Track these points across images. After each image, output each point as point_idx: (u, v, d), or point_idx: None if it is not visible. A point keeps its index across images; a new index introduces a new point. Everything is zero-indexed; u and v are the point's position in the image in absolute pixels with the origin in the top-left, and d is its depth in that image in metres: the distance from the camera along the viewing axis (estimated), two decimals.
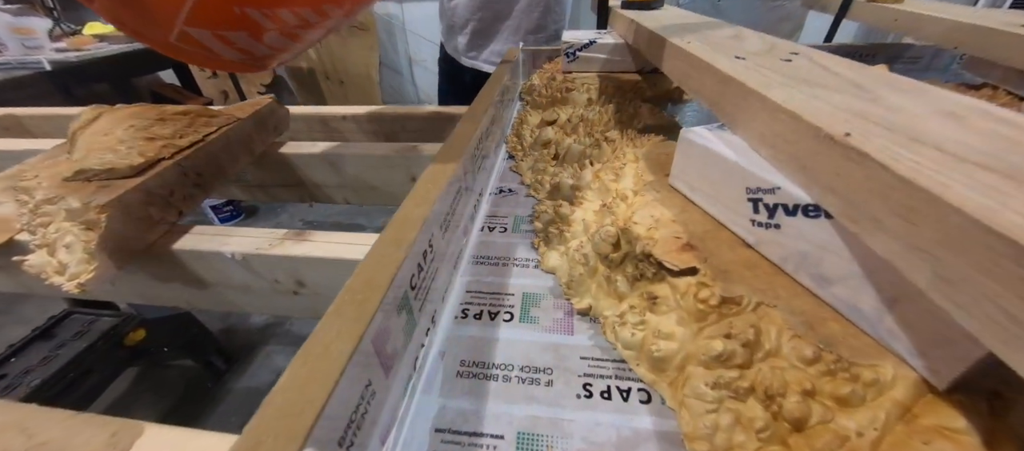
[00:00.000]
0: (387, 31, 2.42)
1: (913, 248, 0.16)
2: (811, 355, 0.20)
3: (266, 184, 0.68)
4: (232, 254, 0.42)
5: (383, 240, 0.23)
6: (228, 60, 0.38)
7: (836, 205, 0.20)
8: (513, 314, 0.31)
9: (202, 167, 0.51)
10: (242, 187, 0.68)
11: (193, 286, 0.45)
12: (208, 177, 0.52)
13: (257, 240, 0.43)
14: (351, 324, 0.18)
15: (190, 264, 0.44)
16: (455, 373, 0.26)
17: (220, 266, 0.43)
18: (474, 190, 0.40)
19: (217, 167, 0.54)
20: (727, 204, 0.28)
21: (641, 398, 0.25)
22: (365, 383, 0.18)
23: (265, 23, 0.34)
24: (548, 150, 0.51)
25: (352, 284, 0.20)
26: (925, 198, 0.16)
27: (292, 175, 0.66)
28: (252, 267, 0.43)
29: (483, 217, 0.43)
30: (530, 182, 0.49)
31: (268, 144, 0.65)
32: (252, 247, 0.42)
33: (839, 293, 0.22)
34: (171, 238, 0.44)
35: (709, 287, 0.24)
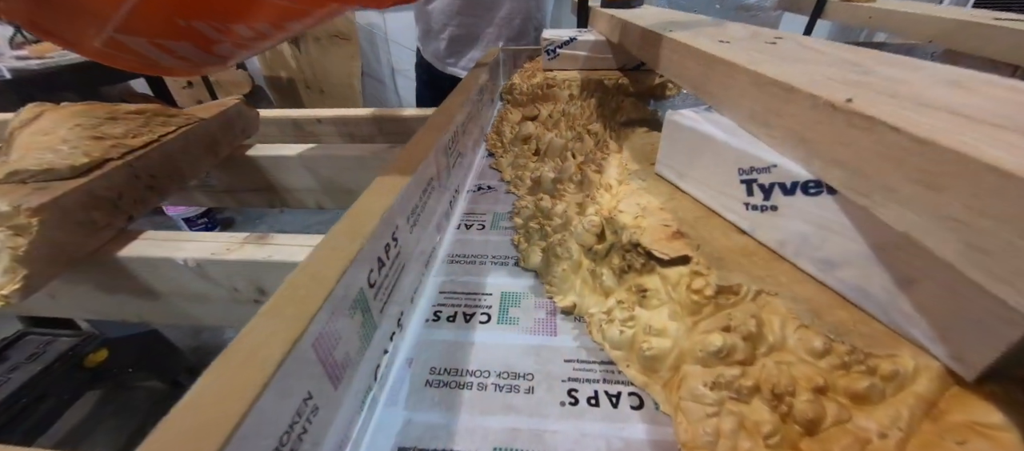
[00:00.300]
0: (369, 41, 2.40)
1: (937, 217, 0.14)
2: (821, 347, 0.18)
3: (234, 189, 0.64)
4: (185, 260, 0.38)
5: (336, 231, 0.21)
6: (167, 67, 0.34)
7: (841, 178, 0.18)
8: (490, 315, 0.28)
9: (156, 169, 0.47)
10: (207, 193, 0.64)
11: (143, 297, 0.41)
12: (163, 180, 0.49)
13: (214, 245, 0.39)
14: (287, 325, 0.15)
15: (139, 273, 0.40)
16: (424, 382, 0.24)
17: (173, 274, 0.40)
18: (449, 186, 0.38)
19: (174, 169, 0.50)
20: (718, 188, 0.26)
21: (632, 403, 0.23)
22: (303, 396, 0.15)
23: (215, 36, 0.30)
24: (528, 145, 0.49)
25: (294, 278, 0.17)
26: (952, 159, 0.13)
27: (261, 179, 0.63)
28: (208, 274, 0.39)
29: (459, 215, 0.40)
30: (510, 178, 0.46)
31: (235, 147, 0.62)
32: (208, 252, 0.39)
33: (846, 277, 0.20)
34: (117, 244, 0.40)
35: (703, 276, 0.22)
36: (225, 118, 0.59)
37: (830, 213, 0.20)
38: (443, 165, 0.35)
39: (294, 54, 2.19)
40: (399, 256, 0.25)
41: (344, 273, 0.18)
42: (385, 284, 0.23)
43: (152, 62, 0.32)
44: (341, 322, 0.18)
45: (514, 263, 0.33)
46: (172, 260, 0.38)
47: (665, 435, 0.21)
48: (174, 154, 0.50)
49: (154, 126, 0.50)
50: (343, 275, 0.18)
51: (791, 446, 0.18)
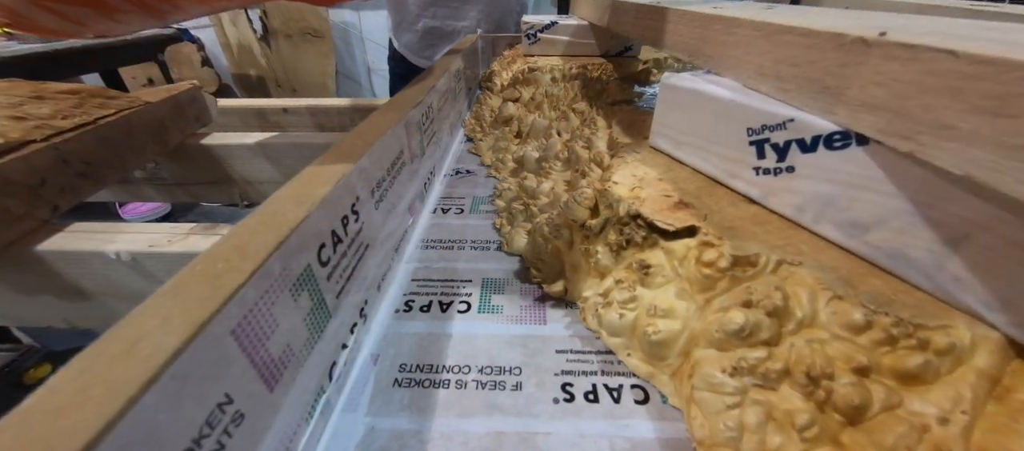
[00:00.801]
0: (344, 39, 2.33)
1: (1012, 149, 0.12)
2: (862, 320, 0.15)
3: (187, 181, 0.59)
4: (118, 254, 0.33)
5: (278, 196, 0.17)
6: (51, 28, 0.28)
7: (876, 124, 0.16)
8: (470, 303, 0.25)
9: (90, 154, 0.42)
10: (156, 186, 0.58)
11: (69, 298, 0.36)
12: (100, 167, 0.43)
13: (153, 236, 0.35)
14: (189, 306, 0.11)
15: (64, 269, 0.35)
16: (391, 382, 0.20)
17: (104, 271, 0.34)
18: (422, 167, 0.34)
19: (114, 156, 0.45)
20: (723, 154, 0.23)
21: (636, 397, 0.19)
22: (218, 400, 0.11)
23: (122, 5, 0.25)
24: (510, 127, 0.45)
25: (213, 250, 0.13)
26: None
27: (218, 170, 0.57)
28: (146, 270, 0.34)
29: (435, 199, 0.37)
30: (491, 162, 0.43)
31: (187, 135, 0.56)
32: (145, 245, 0.34)
33: (879, 239, 0.17)
34: (36, 238, 0.35)
35: (715, 246, 0.19)
36: (175, 103, 0.54)
37: (860, 168, 0.17)
38: (415, 141, 0.31)
39: (264, 51, 2.10)
40: (361, 233, 0.21)
41: (282, 244, 0.14)
42: (343, 265, 0.19)
43: (26, 19, 0.25)
44: (279, 306, 0.14)
45: (496, 247, 0.30)
46: (102, 254, 0.33)
47: (677, 432, 0.18)
48: (113, 139, 0.45)
49: (90, 108, 0.45)
50: (280, 246, 0.14)
51: (831, 440, 0.15)
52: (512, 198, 0.33)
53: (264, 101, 0.71)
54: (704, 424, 0.17)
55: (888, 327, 0.15)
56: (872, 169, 0.17)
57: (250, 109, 0.71)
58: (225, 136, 0.57)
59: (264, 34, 2.05)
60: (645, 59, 0.65)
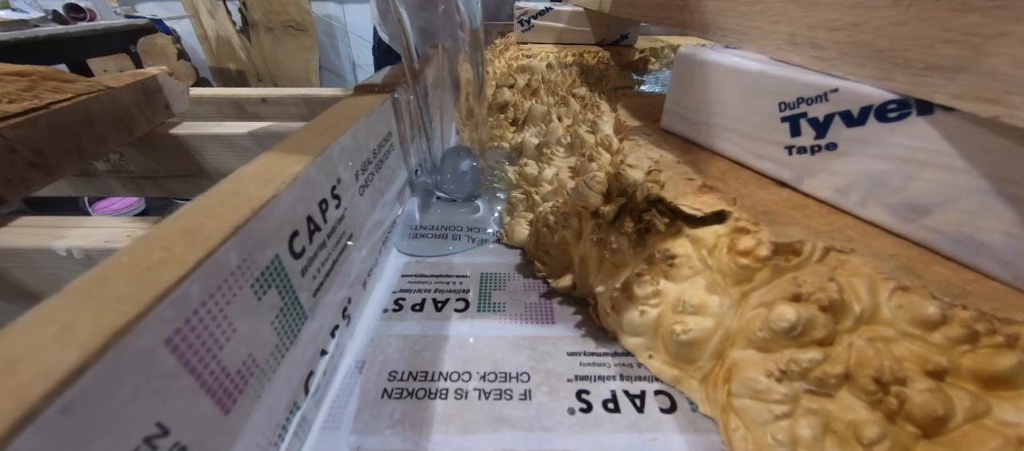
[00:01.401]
0: (327, 33, 2.27)
1: None
2: (936, 314, 0.13)
3: (157, 174, 0.54)
4: (69, 251, 0.30)
5: (240, 173, 0.14)
6: None
7: (948, 86, 0.14)
8: (468, 301, 0.22)
9: (42, 143, 0.38)
10: (122, 179, 0.54)
11: (13, 300, 0.32)
12: (54, 157, 0.39)
13: (110, 230, 0.31)
14: (102, 310, 0.08)
15: (6, 268, 0.31)
16: (380, 393, 0.17)
17: (53, 269, 0.31)
18: (412, 151, 0.31)
19: (70, 145, 0.41)
20: (749, 134, 0.21)
21: (662, 405, 0.17)
22: (144, 434, 0.08)
23: None
24: (505, 114, 0.43)
25: (150, 235, 0.10)
26: None
27: (190, 162, 0.53)
28: None
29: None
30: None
31: (156, 125, 0.52)
32: (100, 240, 0.30)
33: (942, 223, 0.15)
34: None
35: (752, 233, 0.17)
36: (142, 89, 0.50)
37: (921, 141, 0.15)
38: (404, 124, 0.28)
39: (244, 45, 2.03)
40: (343, 222, 0.18)
41: (241, 228, 0.11)
42: (321, 258, 0.16)
43: None
44: (236, 307, 0.11)
45: (495, 241, 0.27)
46: (51, 250, 0.30)
47: (712, 445, 0.16)
48: (69, 126, 0.41)
49: (42, 91, 0.41)
50: (239, 231, 0.11)
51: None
52: (511, 186, 0.31)
53: (241, 91, 0.67)
54: (747, 437, 0.14)
55: (968, 322, 0.13)
56: (937, 142, 0.14)
57: (226, 99, 0.66)
58: (198, 125, 0.53)
59: (244, 26, 1.98)
60: (642, 48, 0.63)
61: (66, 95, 0.42)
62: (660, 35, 0.73)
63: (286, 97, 0.67)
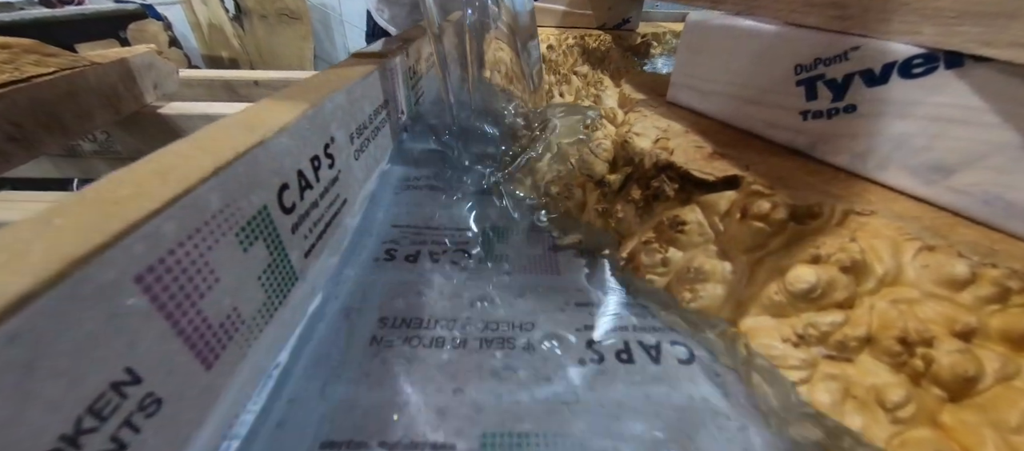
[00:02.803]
0: (322, 22, 2.24)
1: None
2: (965, 273, 0.12)
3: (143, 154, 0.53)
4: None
5: (223, 122, 0.13)
6: None
7: (982, 34, 0.13)
8: (468, 251, 0.21)
9: (22, 116, 0.36)
10: (109, 160, 0.53)
11: None
12: (35, 131, 0.38)
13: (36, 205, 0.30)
14: (61, 238, 0.07)
15: None
16: (368, 339, 0.16)
17: None
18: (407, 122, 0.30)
19: (52, 120, 0.39)
20: (761, 100, 0.20)
21: (679, 355, 0.16)
22: (111, 379, 0.08)
23: None
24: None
25: (121, 174, 0.09)
26: None
27: None
28: None
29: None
30: None
31: (145, 104, 0.51)
32: (18, 215, 0.29)
33: (969, 183, 0.14)
34: None
35: (767, 196, 0.16)
36: (128, 67, 0.48)
37: (949, 96, 0.14)
38: (402, 95, 0.27)
39: (237, 32, 2.00)
40: (337, 183, 0.17)
41: (222, 170, 0.10)
42: (314, 217, 0.15)
43: None
44: (218, 254, 0.10)
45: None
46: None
47: (735, 395, 0.15)
48: (50, 101, 0.39)
49: (23, 64, 0.39)
50: (219, 173, 0.10)
51: (929, 419, 0.12)
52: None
53: (233, 73, 0.66)
54: (769, 393, 0.14)
55: (999, 280, 0.12)
56: (966, 96, 0.14)
57: (217, 81, 0.65)
58: (186, 106, 0.52)
59: (237, 14, 1.94)
60: (643, 33, 0.62)
61: (48, 69, 0.40)
62: (662, 21, 0.71)
63: (279, 80, 0.65)
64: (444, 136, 0.28)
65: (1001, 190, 0.14)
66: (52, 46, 0.44)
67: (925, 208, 0.15)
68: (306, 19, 2.15)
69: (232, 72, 0.66)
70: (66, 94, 0.41)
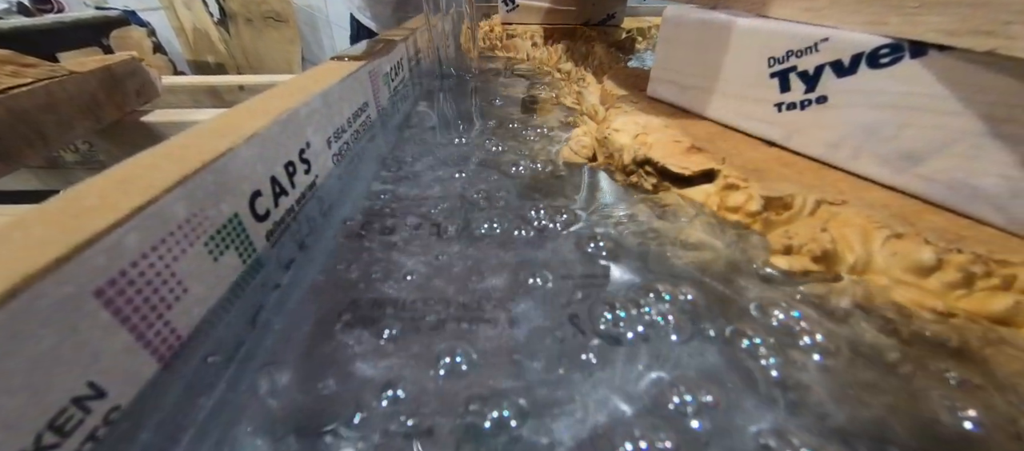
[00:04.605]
0: (309, 24, 2.22)
1: None
2: (932, 259, 0.12)
3: None
4: None
5: (193, 130, 0.13)
6: None
7: (944, 23, 0.13)
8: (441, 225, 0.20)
9: (1, 127, 0.36)
10: (92, 170, 0.52)
11: None
12: (14, 143, 0.37)
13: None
14: (15, 254, 0.07)
15: None
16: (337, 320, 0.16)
17: None
18: (391, 126, 0.30)
19: (31, 132, 0.39)
20: (737, 94, 0.21)
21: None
22: (72, 394, 0.07)
23: None
24: None
25: (83, 186, 0.09)
26: None
27: None
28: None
29: None
30: None
31: (127, 112, 0.50)
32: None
33: (936, 170, 0.14)
34: None
35: (742, 188, 0.16)
36: (109, 75, 0.48)
37: (914, 85, 0.14)
38: (384, 95, 0.27)
39: (222, 37, 1.97)
40: (314, 189, 0.17)
41: (188, 179, 0.10)
42: (288, 225, 0.15)
43: None
44: (186, 264, 0.10)
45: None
46: None
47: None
48: (29, 112, 0.38)
49: (0, 76, 0.39)
50: (185, 182, 0.10)
51: None
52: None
53: (217, 78, 0.65)
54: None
55: (964, 265, 0.12)
56: (930, 85, 0.14)
57: (201, 87, 0.64)
58: (171, 113, 0.51)
59: (222, 18, 1.92)
60: (628, 28, 0.62)
61: (26, 79, 0.40)
62: (646, 16, 0.72)
63: (265, 84, 0.65)
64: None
65: (966, 176, 0.14)
66: (29, 56, 0.43)
67: (895, 196, 0.15)
68: (292, 22, 2.13)
69: (217, 78, 0.65)
70: (45, 104, 0.40)
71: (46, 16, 1.36)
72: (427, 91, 0.38)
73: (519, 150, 0.23)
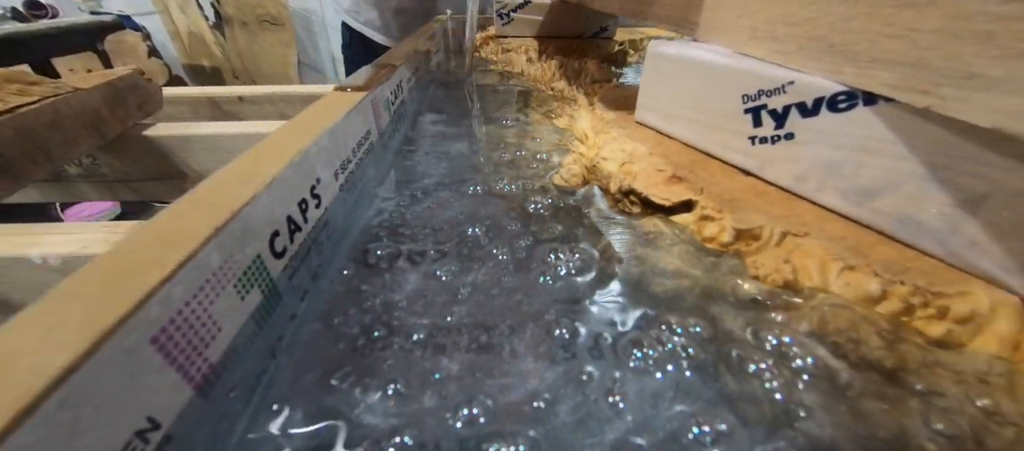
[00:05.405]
0: (305, 27, 2.22)
1: None
2: (877, 290, 0.14)
3: (131, 177, 0.53)
4: (44, 258, 0.29)
5: (217, 177, 0.14)
6: None
7: (889, 79, 0.15)
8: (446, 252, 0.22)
9: (9, 147, 0.37)
10: (94, 182, 0.53)
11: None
12: (20, 162, 0.38)
13: (87, 236, 0.30)
14: (89, 313, 0.08)
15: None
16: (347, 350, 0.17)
17: (30, 277, 0.30)
18: (390, 148, 0.31)
19: (37, 150, 0.40)
20: (716, 125, 0.22)
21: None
22: (136, 428, 0.09)
23: None
24: None
25: (127, 240, 0.11)
26: None
27: (167, 164, 0.52)
28: None
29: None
30: None
31: (130, 126, 0.51)
32: (78, 246, 0.29)
33: (888, 206, 0.16)
34: None
35: (716, 220, 0.18)
36: (112, 90, 0.49)
37: (867, 130, 0.16)
38: (384, 120, 0.29)
39: (218, 40, 1.97)
40: (326, 224, 0.18)
41: (221, 230, 0.12)
42: (302, 258, 0.16)
43: None
44: (220, 306, 0.12)
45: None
46: (25, 258, 0.29)
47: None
48: (35, 129, 0.39)
49: (6, 94, 0.39)
50: (219, 233, 0.11)
51: None
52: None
53: (217, 89, 0.66)
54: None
55: (905, 296, 0.14)
56: (881, 130, 0.16)
57: (201, 98, 0.65)
58: (173, 126, 0.52)
59: (217, 21, 1.92)
60: (620, 40, 0.64)
61: (32, 97, 0.41)
62: (639, 27, 0.73)
63: (263, 95, 0.66)
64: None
65: (913, 212, 0.15)
66: (34, 73, 0.44)
67: (853, 228, 0.17)
68: (288, 25, 2.13)
69: (216, 88, 0.66)
70: (50, 122, 0.41)
71: (41, 21, 1.35)
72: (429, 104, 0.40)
73: (515, 175, 0.25)
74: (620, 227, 0.19)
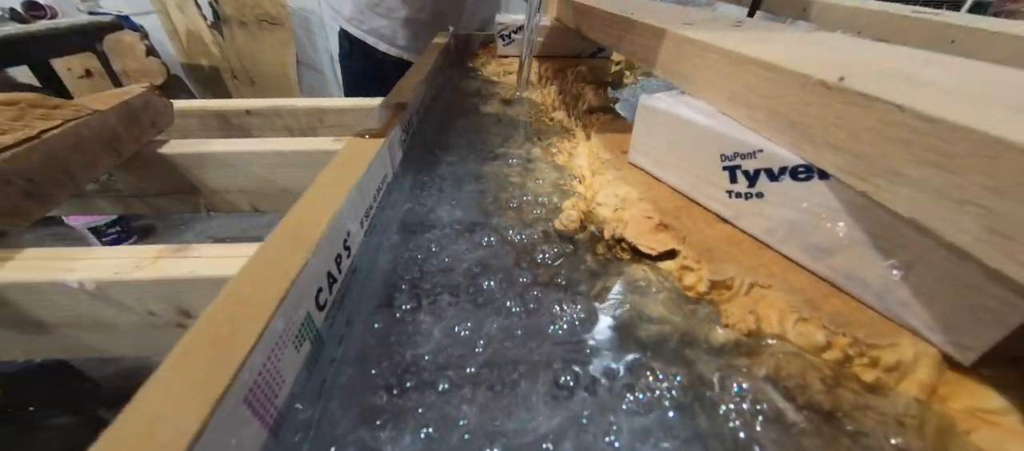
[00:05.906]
0: (304, 27, 2.22)
1: (952, 201, 0.13)
2: (822, 341, 0.17)
3: (145, 193, 0.55)
4: (81, 283, 0.31)
5: (271, 243, 0.17)
6: None
7: (837, 163, 0.17)
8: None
9: (36, 172, 0.39)
10: (111, 198, 0.55)
11: (27, 331, 0.34)
12: (47, 185, 0.40)
13: (119, 261, 0.33)
14: (202, 382, 0.11)
15: (19, 301, 0.33)
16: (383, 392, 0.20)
17: (64, 301, 0.32)
18: (404, 186, 0.34)
19: (62, 172, 0.42)
20: (699, 175, 0.25)
21: None
22: None
23: None
24: None
25: (215, 310, 0.13)
26: (970, 139, 0.12)
27: (179, 180, 0.54)
28: (113, 298, 0.32)
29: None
30: None
31: (143, 143, 0.53)
32: (111, 272, 0.32)
33: (839, 264, 0.19)
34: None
35: (694, 270, 0.20)
36: (128, 109, 0.51)
37: (822, 199, 0.19)
38: (398, 157, 0.31)
39: (216, 40, 1.97)
40: (354, 270, 0.21)
41: (284, 300, 0.14)
42: (338, 306, 0.19)
43: None
44: (285, 362, 0.14)
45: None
46: (62, 283, 0.31)
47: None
48: (60, 153, 0.42)
49: (31, 120, 0.41)
50: (283, 303, 0.14)
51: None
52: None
53: (225, 102, 0.68)
54: None
55: (845, 347, 0.17)
56: (832, 201, 0.18)
57: (209, 111, 0.67)
58: (184, 144, 0.54)
59: (215, 21, 1.92)
60: (618, 60, 0.66)
61: (56, 121, 0.43)
62: None
63: (270, 108, 0.68)
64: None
65: (858, 271, 0.18)
66: (54, 97, 0.46)
67: (812, 280, 0.20)
68: (287, 25, 2.13)
69: (223, 102, 0.68)
70: (74, 145, 0.43)
71: (40, 22, 1.35)
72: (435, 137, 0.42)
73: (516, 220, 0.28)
74: (613, 276, 0.22)
